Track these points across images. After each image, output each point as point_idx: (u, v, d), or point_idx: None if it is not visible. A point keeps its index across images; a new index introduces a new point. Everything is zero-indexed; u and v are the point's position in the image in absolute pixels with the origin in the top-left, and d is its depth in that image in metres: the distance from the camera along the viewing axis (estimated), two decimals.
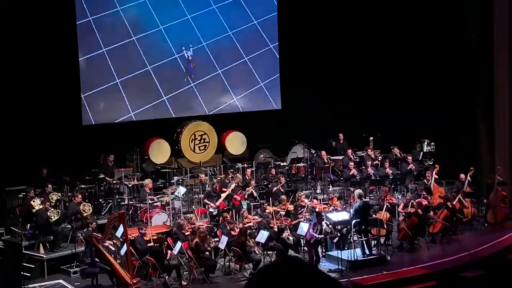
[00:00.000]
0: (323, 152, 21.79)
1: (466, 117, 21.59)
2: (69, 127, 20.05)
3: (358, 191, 17.53)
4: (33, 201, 17.05)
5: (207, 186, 19.29)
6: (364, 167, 20.86)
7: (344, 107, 22.86)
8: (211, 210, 18.33)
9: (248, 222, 16.96)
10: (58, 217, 16.90)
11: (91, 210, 17.63)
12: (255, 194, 18.98)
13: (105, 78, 21.22)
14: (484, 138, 21.38)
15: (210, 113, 23.04)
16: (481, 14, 21.04)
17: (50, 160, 18.95)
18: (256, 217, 17.48)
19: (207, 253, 15.97)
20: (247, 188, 18.89)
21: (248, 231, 16.37)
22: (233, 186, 18.52)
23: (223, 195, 18.39)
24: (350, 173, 20.40)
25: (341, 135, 22.90)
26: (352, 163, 20.75)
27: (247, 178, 19.77)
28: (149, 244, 15.71)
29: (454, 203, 18.24)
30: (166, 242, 15.63)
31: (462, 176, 19.34)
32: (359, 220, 16.51)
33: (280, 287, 2.31)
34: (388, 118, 22.56)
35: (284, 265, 2.41)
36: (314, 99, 23.18)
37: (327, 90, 23.51)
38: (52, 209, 16.94)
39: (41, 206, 16.84)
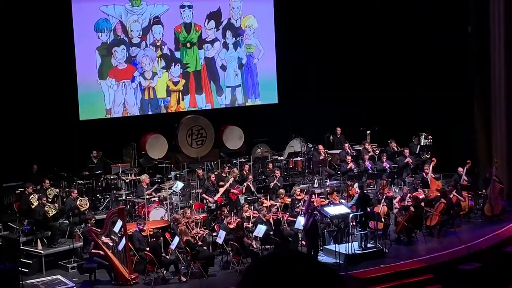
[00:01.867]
0: (320, 146, 21.81)
1: (463, 110, 21.61)
2: (66, 122, 20.06)
3: (357, 183, 17.62)
4: (32, 197, 17.07)
5: (205, 181, 19.27)
6: (361, 161, 20.90)
7: (341, 101, 22.81)
8: (209, 204, 18.34)
9: (247, 216, 16.97)
10: (55, 212, 16.91)
11: (88, 205, 17.64)
12: (252, 188, 18.99)
13: (102, 73, 21.23)
14: (481, 131, 21.39)
15: (207, 108, 23.05)
16: (478, 8, 21.02)
17: (47, 156, 18.97)
18: (256, 212, 17.48)
19: (205, 247, 16.00)
20: (244, 183, 18.91)
21: (245, 224, 16.39)
22: (230, 180, 18.55)
23: (221, 190, 18.41)
24: (348, 167, 20.43)
25: (338, 129, 22.93)
26: (349, 157, 20.77)
27: (245, 173, 19.78)
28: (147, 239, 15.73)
29: (451, 196, 18.25)
30: (162, 237, 15.63)
31: (461, 169, 19.37)
32: (360, 212, 16.56)
33: (277, 277, 2.32)
34: (385, 112, 22.58)
35: (280, 256, 2.41)
36: (311, 93, 23.19)
37: (324, 84, 23.50)
38: (50, 204, 16.93)
39: (38, 202, 16.85)
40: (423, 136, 22.59)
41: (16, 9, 19.26)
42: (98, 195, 19.11)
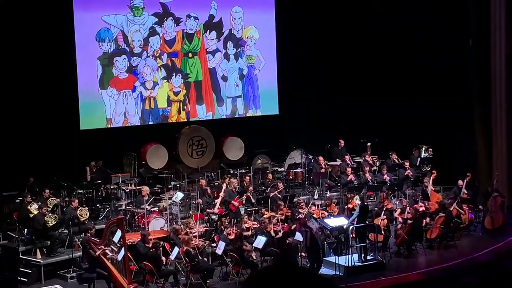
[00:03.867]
0: (320, 158, 21.80)
1: (463, 123, 21.60)
2: (66, 131, 20.06)
3: (357, 196, 17.65)
4: (30, 206, 17.05)
5: (203, 194, 19.08)
6: (362, 173, 20.88)
7: (341, 113, 22.81)
8: (213, 217, 18.24)
9: (247, 228, 16.93)
10: (55, 222, 16.88)
11: (88, 215, 17.60)
12: (252, 200, 18.95)
13: (103, 83, 21.25)
14: (481, 144, 21.38)
15: (208, 118, 23.06)
16: (479, 20, 21.05)
17: (47, 165, 18.96)
18: (255, 222, 17.45)
19: (205, 259, 15.97)
20: (244, 194, 18.88)
21: (244, 233, 16.34)
22: (223, 189, 18.52)
23: (218, 200, 18.39)
24: (348, 179, 20.41)
25: (342, 141, 22.84)
26: (349, 169, 20.75)
27: (245, 184, 19.73)
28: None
29: (451, 209, 18.22)
30: (161, 247, 15.59)
31: (460, 182, 19.34)
32: (359, 224, 16.53)
33: None
34: (386, 124, 22.57)
35: (279, 268, 2.41)
36: (312, 104, 23.21)
37: (325, 95, 23.50)
38: (50, 214, 16.91)
39: (38, 211, 16.83)
40: (423, 149, 22.56)
41: (17, 18, 19.29)
42: (98, 205, 19.08)
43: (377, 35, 23.24)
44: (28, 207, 17.08)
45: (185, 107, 22.67)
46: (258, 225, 17.14)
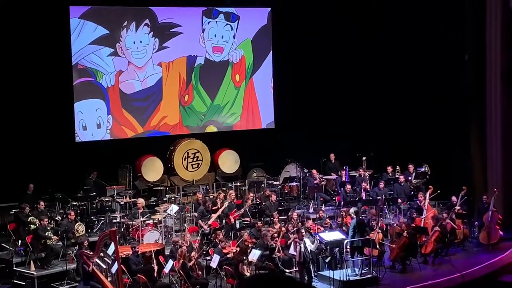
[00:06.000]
0: (314, 171, 21.81)
1: (459, 138, 21.64)
2: (61, 144, 20.03)
3: (353, 209, 17.61)
4: (32, 219, 16.98)
5: (200, 205, 19.09)
6: (357, 187, 20.86)
7: (337, 126, 22.80)
8: (204, 230, 18.18)
9: (247, 244, 16.76)
10: (55, 242, 16.82)
11: (84, 231, 17.49)
12: (248, 213, 18.92)
13: (99, 95, 21.25)
14: (477, 160, 21.39)
15: (203, 131, 23.08)
16: (475, 35, 21.13)
17: (42, 177, 18.91)
18: (254, 240, 17.33)
19: (200, 273, 15.89)
20: (242, 209, 18.83)
21: (250, 246, 16.23)
22: (226, 204, 18.51)
23: (216, 214, 18.36)
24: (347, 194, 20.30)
25: (332, 155, 22.89)
26: (349, 186, 20.66)
27: (245, 198, 19.67)
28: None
29: (446, 224, 18.20)
30: (153, 261, 15.54)
31: (454, 198, 19.30)
32: (355, 238, 16.52)
33: None
34: (381, 138, 22.60)
35: (266, 277, 2.41)
36: (308, 118, 23.24)
37: (320, 109, 23.53)
38: (50, 232, 16.82)
39: (40, 223, 16.78)
40: (423, 166, 22.45)
41: (13, 27, 19.31)
42: (92, 217, 19.03)
43: (373, 49, 23.30)
44: (29, 219, 17.04)
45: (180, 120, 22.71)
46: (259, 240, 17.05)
